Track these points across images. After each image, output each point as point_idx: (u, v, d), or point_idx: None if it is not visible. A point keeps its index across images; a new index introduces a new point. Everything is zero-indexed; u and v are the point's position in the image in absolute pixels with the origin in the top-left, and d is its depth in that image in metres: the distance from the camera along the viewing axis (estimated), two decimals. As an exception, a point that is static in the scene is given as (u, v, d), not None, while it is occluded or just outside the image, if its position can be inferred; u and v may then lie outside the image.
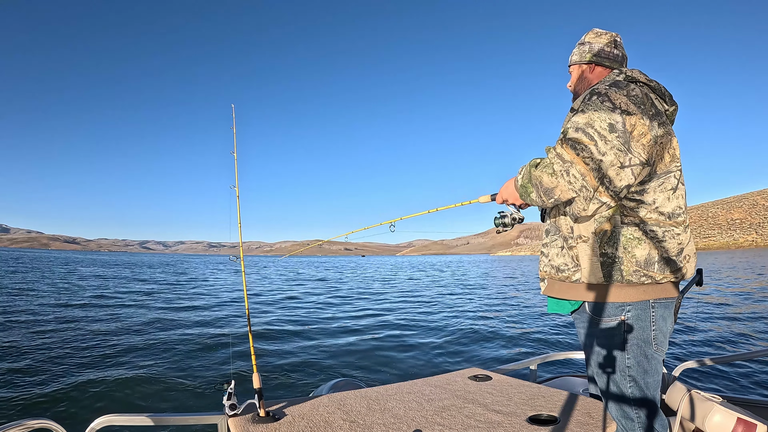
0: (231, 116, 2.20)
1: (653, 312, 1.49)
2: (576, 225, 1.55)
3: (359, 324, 9.46)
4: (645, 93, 1.50)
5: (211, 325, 9.02)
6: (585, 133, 1.39)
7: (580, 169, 1.37)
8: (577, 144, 1.39)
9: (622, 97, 1.42)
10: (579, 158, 1.37)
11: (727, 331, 8.03)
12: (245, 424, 1.64)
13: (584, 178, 1.38)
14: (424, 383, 2.25)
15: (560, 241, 1.61)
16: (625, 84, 1.50)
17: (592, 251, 1.50)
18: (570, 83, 1.84)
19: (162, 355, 6.36)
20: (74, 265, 36.92)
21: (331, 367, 6.04)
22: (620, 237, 1.46)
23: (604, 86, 1.49)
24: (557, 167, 1.40)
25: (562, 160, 1.40)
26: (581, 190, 1.40)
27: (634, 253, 1.45)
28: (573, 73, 1.81)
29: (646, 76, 1.58)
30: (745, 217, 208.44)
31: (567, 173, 1.39)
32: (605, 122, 1.38)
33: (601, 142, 1.37)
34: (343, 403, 1.90)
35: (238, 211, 2.04)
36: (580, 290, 1.56)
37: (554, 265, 1.62)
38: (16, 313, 9.78)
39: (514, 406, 1.86)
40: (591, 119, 1.40)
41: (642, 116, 1.41)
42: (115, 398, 4.62)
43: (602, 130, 1.38)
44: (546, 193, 1.45)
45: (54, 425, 1.58)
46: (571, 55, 1.82)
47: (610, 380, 1.56)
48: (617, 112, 1.39)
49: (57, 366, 5.60)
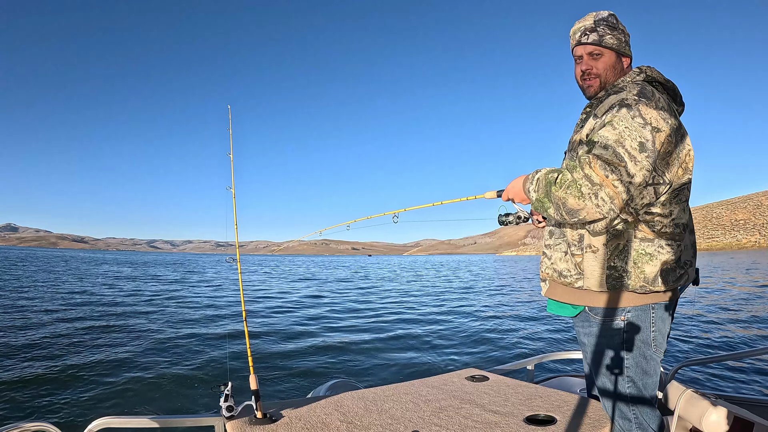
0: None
1: (653, 314, 1.48)
2: (586, 234, 1.49)
3: (357, 324, 9.46)
4: (667, 101, 1.43)
5: (208, 325, 9.00)
6: (615, 152, 1.31)
7: (609, 192, 1.31)
8: (608, 165, 1.31)
9: (652, 112, 1.35)
10: (608, 180, 1.30)
11: (724, 331, 8.07)
12: (242, 426, 1.64)
13: (612, 201, 1.31)
14: (421, 384, 2.25)
15: (564, 246, 1.57)
16: (652, 92, 1.41)
17: (599, 263, 1.46)
18: (594, 68, 1.58)
19: (159, 357, 6.34)
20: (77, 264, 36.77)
21: (328, 367, 6.04)
22: (631, 251, 1.43)
23: (633, 96, 1.39)
24: (585, 190, 1.32)
25: (591, 182, 1.32)
26: (609, 213, 1.34)
27: (643, 269, 1.42)
28: (604, 58, 1.56)
29: (662, 75, 1.51)
30: (749, 218, 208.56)
31: (595, 196, 1.31)
32: (636, 141, 1.31)
33: (631, 163, 1.31)
34: (340, 404, 1.89)
35: (234, 212, 2.04)
36: (583, 296, 1.54)
37: (557, 269, 1.59)
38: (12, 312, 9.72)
39: (512, 407, 1.86)
40: (622, 136, 1.32)
41: (671, 132, 1.36)
42: (112, 400, 4.60)
43: (632, 150, 1.31)
44: (569, 213, 1.38)
45: (51, 428, 1.57)
46: (600, 35, 1.54)
47: (609, 380, 1.56)
48: (648, 129, 1.32)
49: (53, 368, 5.57)
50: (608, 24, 1.55)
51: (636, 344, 1.49)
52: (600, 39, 1.55)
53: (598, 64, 1.57)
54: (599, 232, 1.46)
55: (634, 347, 1.49)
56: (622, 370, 1.52)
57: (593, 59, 1.57)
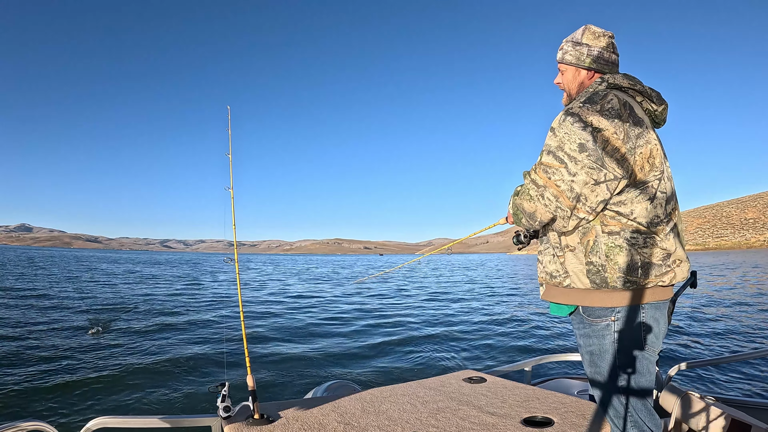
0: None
1: (643, 314, 1.51)
2: (563, 236, 1.60)
3: (355, 325, 9.45)
4: (624, 102, 1.50)
5: (206, 326, 8.99)
6: (555, 156, 1.47)
7: (553, 191, 1.48)
8: (549, 168, 1.48)
9: (594, 114, 1.44)
10: (551, 182, 1.48)
11: (722, 333, 8.09)
12: (239, 426, 1.63)
13: (558, 199, 1.48)
14: (418, 385, 2.25)
15: (551, 249, 1.66)
16: (603, 95, 1.50)
17: (579, 260, 1.54)
18: (562, 83, 1.76)
19: (156, 357, 6.32)
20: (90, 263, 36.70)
21: (325, 368, 6.04)
22: (602, 246, 1.49)
23: (578, 104, 1.50)
24: (533, 192, 1.53)
25: (536, 185, 1.52)
26: (557, 211, 1.50)
27: (616, 260, 1.48)
28: (567, 73, 1.73)
29: (630, 80, 1.58)
30: (759, 217, 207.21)
31: (542, 197, 1.51)
32: (575, 143, 1.44)
33: (572, 163, 1.44)
34: (338, 405, 1.89)
35: (232, 212, 2.05)
36: (572, 295, 1.60)
37: (548, 272, 1.67)
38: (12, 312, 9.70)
39: (509, 408, 1.86)
40: (562, 141, 1.47)
41: (616, 130, 1.43)
42: (109, 400, 4.59)
43: (572, 152, 1.44)
44: (530, 217, 1.58)
45: (47, 427, 1.57)
46: (563, 52, 1.71)
47: (603, 381, 1.58)
48: (588, 130, 1.43)
49: (49, 367, 5.56)
50: (573, 41, 1.70)
51: (627, 344, 1.52)
52: (561, 56, 1.72)
53: (563, 79, 1.75)
54: (571, 232, 1.56)
55: (625, 347, 1.52)
56: (614, 369, 1.54)
57: (561, 74, 1.76)
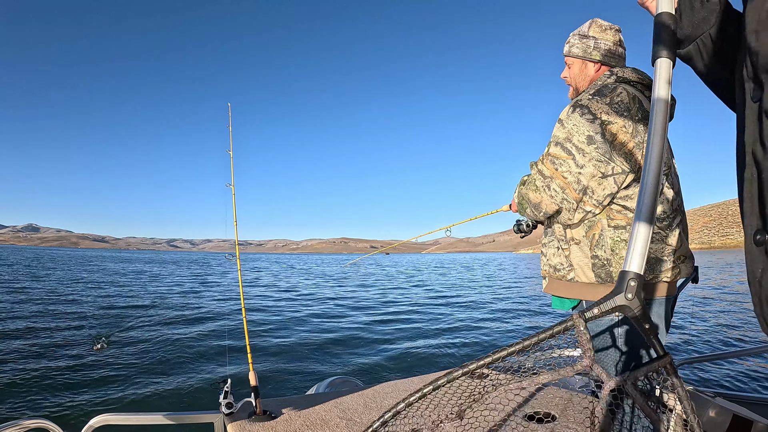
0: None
1: None
2: (568, 229, 1.58)
3: (357, 322, 9.47)
4: (633, 96, 1.48)
5: (208, 322, 9.01)
6: (563, 147, 1.46)
7: (559, 183, 1.47)
8: (556, 159, 1.48)
9: (603, 107, 1.42)
10: (558, 173, 1.47)
11: (724, 328, 8.08)
12: (242, 422, 1.64)
13: (564, 191, 1.47)
14: (420, 381, 2.25)
15: (555, 242, 1.65)
16: (612, 89, 1.48)
17: (584, 253, 1.53)
18: (568, 76, 1.73)
19: (158, 354, 6.34)
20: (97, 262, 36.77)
21: (327, 364, 6.05)
22: (608, 240, 1.48)
23: (587, 96, 1.49)
24: (539, 183, 1.53)
25: (543, 176, 1.52)
26: (563, 203, 1.49)
27: (622, 254, 1.46)
28: (573, 67, 1.70)
29: (638, 74, 1.56)
30: None
31: (548, 188, 1.50)
32: (583, 135, 1.42)
33: (579, 155, 1.43)
34: (340, 401, 1.90)
35: (234, 208, 2.04)
36: (576, 289, 1.59)
37: (552, 265, 1.66)
38: (12, 311, 9.72)
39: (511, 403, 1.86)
40: (570, 133, 1.45)
41: (624, 124, 1.41)
42: (111, 397, 4.60)
43: (580, 144, 1.43)
44: (535, 208, 1.58)
45: (50, 425, 1.57)
46: (570, 45, 1.69)
47: None
48: (597, 123, 1.41)
49: (52, 365, 5.58)
50: (579, 34, 1.68)
51: (628, 339, 1.51)
52: (568, 50, 1.70)
53: (570, 73, 1.72)
54: (576, 225, 1.55)
55: (626, 342, 1.51)
56: (615, 364, 1.53)
57: (567, 68, 1.73)
